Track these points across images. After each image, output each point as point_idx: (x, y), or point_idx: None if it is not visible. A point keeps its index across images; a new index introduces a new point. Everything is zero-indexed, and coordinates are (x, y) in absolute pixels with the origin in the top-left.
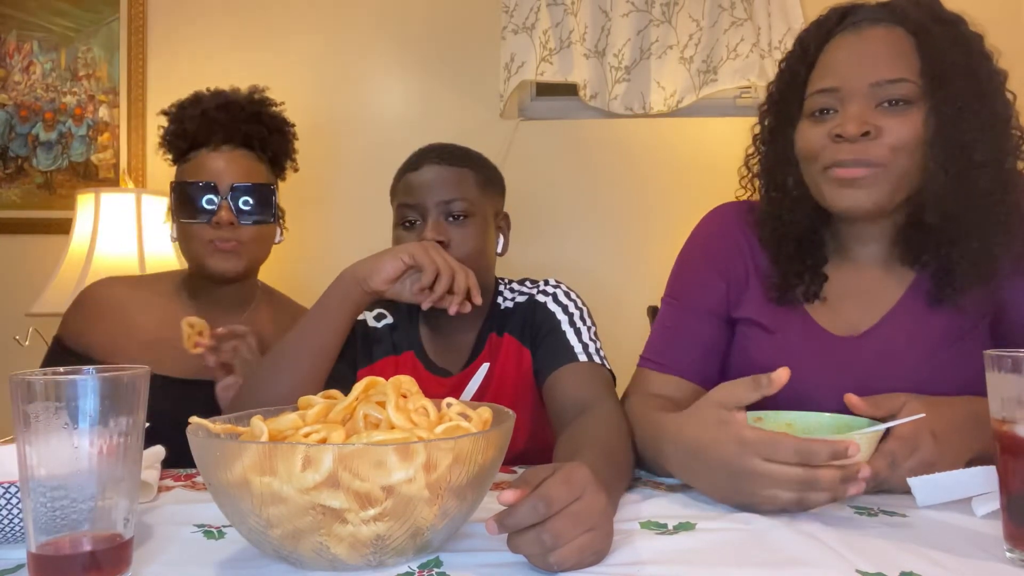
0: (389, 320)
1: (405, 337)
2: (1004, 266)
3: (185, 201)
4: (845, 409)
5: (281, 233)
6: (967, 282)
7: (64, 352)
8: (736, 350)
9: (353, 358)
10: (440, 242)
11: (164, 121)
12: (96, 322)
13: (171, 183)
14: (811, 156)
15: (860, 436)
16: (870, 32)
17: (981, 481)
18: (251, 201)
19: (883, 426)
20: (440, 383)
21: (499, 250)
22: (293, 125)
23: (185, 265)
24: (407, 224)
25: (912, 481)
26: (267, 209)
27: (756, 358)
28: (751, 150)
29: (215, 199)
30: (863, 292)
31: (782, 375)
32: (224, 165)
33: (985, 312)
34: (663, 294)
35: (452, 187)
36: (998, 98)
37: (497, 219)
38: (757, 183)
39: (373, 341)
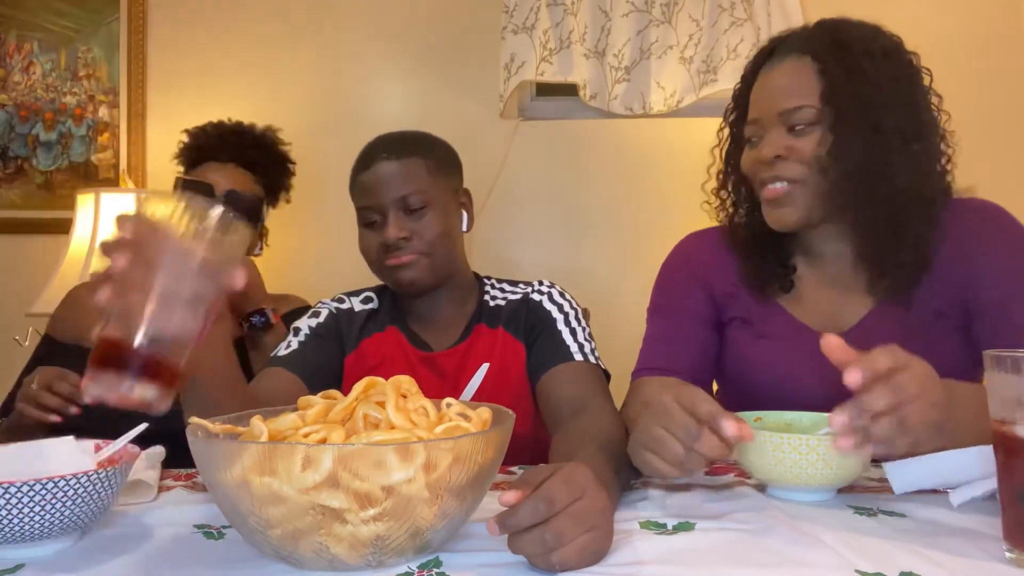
0: (374, 304)
1: (388, 315)
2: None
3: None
4: (826, 404)
5: (260, 248)
6: (891, 271)
7: (54, 346)
8: (727, 352)
9: (339, 347)
10: (404, 237)
11: (165, 128)
12: (88, 317)
13: (176, 177)
14: (751, 177)
15: (826, 434)
16: (781, 66)
17: (959, 466)
18: (239, 208)
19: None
20: (420, 356)
21: (464, 228)
22: (293, 163)
23: None
24: (369, 224)
25: (888, 466)
26: (253, 218)
27: (746, 355)
28: (719, 168)
29: (208, 199)
30: (840, 288)
31: (732, 429)
32: (222, 175)
33: (957, 317)
34: (647, 311)
35: (404, 181)
36: (896, 110)
37: (458, 196)
38: (725, 197)
39: (358, 325)
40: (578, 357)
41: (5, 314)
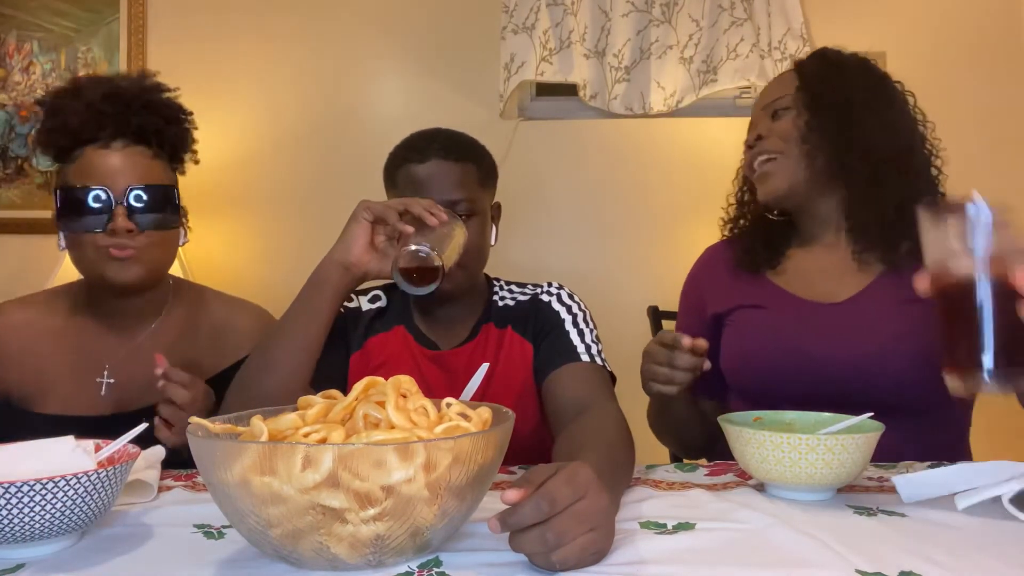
0: (382, 303)
1: (396, 315)
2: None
3: (74, 207)
4: (823, 372)
5: (185, 235)
6: (876, 239)
7: None
8: (728, 337)
9: (344, 346)
10: None
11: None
12: (14, 359)
13: (55, 188)
14: (748, 174)
15: (826, 434)
16: (771, 81)
17: (964, 478)
18: (150, 205)
19: (853, 420)
20: (427, 354)
21: (492, 241)
22: (190, 113)
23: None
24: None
25: (896, 479)
26: (169, 213)
27: (746, 333)
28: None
29: (109, 204)
30: (835, 268)
31: (688, 341)
32: (118, 165)
33: None
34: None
35: (457, 185)
36: (870, 99)
37: (492, 210)
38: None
39: (365, 324)
40: (585, 358)
41: None
